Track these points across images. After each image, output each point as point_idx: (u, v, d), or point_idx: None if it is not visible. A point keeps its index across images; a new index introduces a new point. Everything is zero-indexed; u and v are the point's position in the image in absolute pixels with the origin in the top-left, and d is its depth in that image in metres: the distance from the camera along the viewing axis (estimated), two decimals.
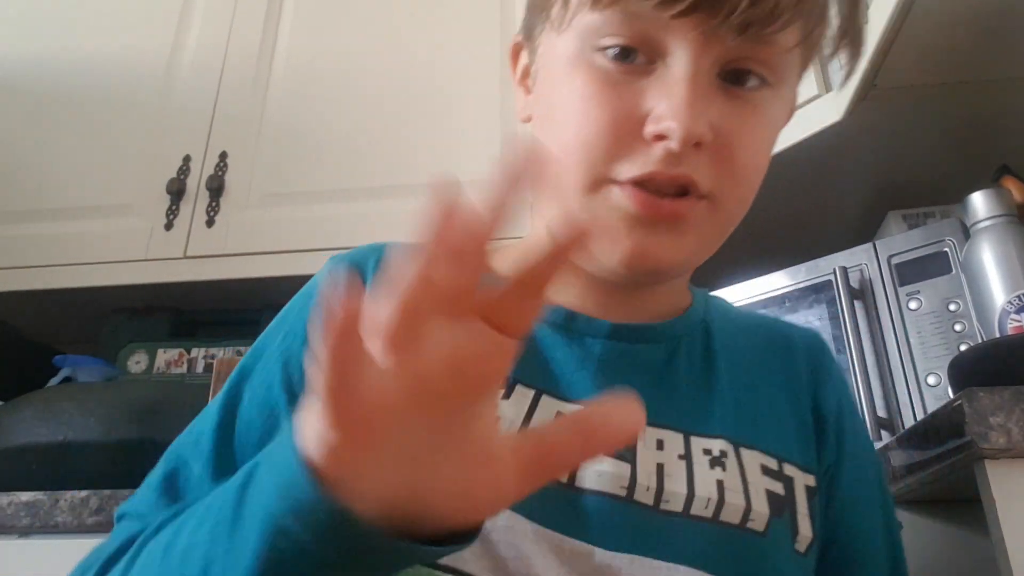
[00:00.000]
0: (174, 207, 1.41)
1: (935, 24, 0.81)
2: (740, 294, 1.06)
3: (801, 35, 0.42)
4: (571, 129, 0.42)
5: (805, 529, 0.45)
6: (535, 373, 0.44)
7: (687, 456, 0.43)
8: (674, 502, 0.41)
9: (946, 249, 0.91)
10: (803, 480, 0.46)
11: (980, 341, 0.83)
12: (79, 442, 0.98)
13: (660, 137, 0.40)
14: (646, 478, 0.42)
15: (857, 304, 0.94)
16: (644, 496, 0.41)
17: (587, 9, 0.42)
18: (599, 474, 0.41)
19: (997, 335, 0.79)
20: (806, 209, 1.18)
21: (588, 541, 0.39)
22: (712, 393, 0.47)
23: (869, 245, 0.97)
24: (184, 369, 1.39)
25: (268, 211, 1.40)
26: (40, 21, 1.62)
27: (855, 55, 0.48)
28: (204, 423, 0.47)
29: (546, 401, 0.43)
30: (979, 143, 1.02)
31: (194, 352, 1.41)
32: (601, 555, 0.39)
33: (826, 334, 0.97)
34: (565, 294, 0.48)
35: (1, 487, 0.92)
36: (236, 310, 1.45)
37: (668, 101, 0.39)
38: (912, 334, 0.90)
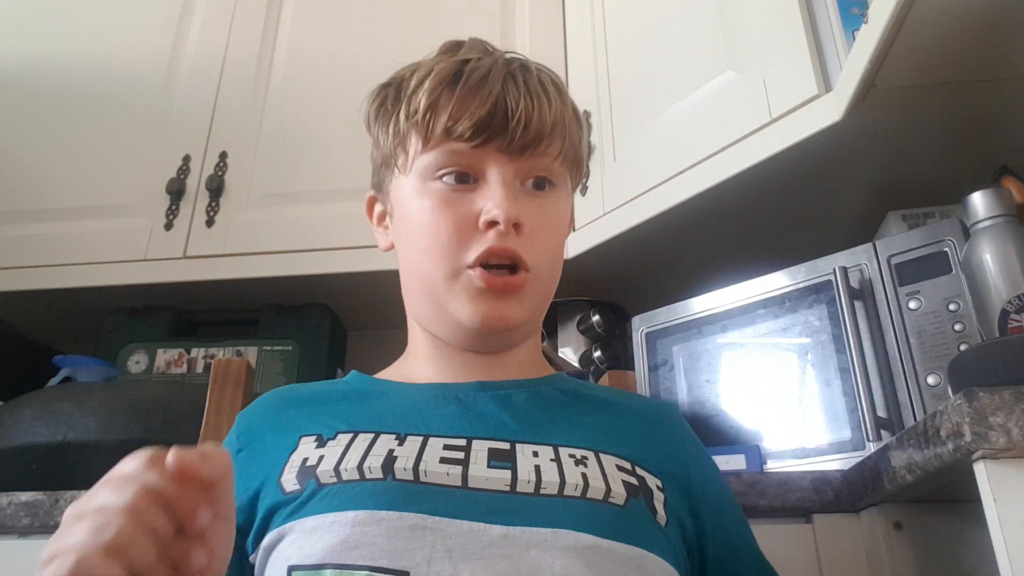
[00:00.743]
0: (174, 207, 1.41)
1: (935, 24, 0.81)
2: (740, 294, 1.06)
3: (559, 149, 0.63)
4: (428, 237, 0.60)
5: (661, 512, 0.57)
6: (419, 425, 0.57)
7: (557, 459, 0.56)
8: (550, 488, 0.53)
9: (946, 249, 0.91)
10: (653, 481, 0.59)
11: (980, 341, 0.83)
12: (79, 442, 0.98)
13: (490, 224, 0.59)
14: (526, 475, 0.54)
15: (857, 304, 0.94)
16: (525, 487, 0.53)
17: (421, 153, 0.61)
18: (487, 479, 0.53)
19: (997, 335, 0.79)
20: (806, 209, 1.18)
21: (484, 522, 0.50)
22: (578, 422, 0.61)
23: (869, 245, 0.97)
24: (184, 369, 1.39)
25: (268, 211, 1.40)
26: (40, 21, 1.62)
27: (579, 171, 0.69)
28: None
29: (432, 442, 0.55)
30: (979, 143, 1.02)
31: (194, 352, 1.41)
32: (498, 529, 0.50)
33: (826, 334, 0.97)
34: (438, 372, 0.64)
35: (1, 487, 0.92)
36: (236, 310, 1.45)
37: (492, 200, 0.59)
38: (912, 334, 0.90)
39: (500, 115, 0.60)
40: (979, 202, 0.85)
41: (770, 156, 1.03)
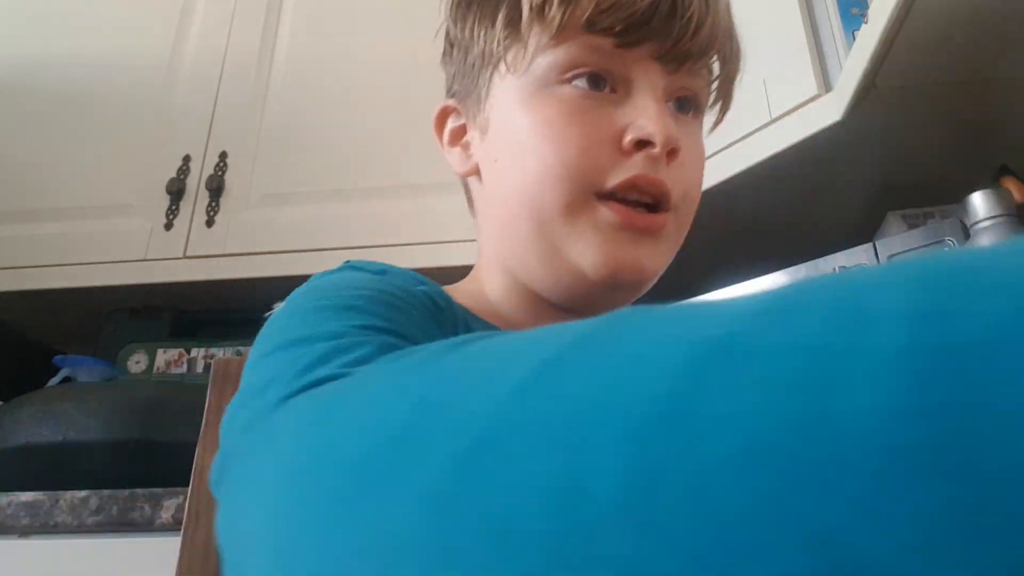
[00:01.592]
0: (174, 207, 1.41)
1: (935, 24, 0.81)
2: (740, 294, 1.06)
3: (721, 69, 0.51)
4: (548, 154, 0.46)
5: None
6: None
7: None
8: None
9: (946, 249, 0.91)
10: None
11: None
12: (79, 442, 0.98)
13: (641, 145, 0.45)
14: None
15: None
16: None
17: (549, 48, 0.46)
18: None
19: None
20: (806, 209, 1.18)
21: None
22: None
23: (869, 245, 0.97)
24: (184, 369, 1.39)
25: (268, 211, 1.40)
26: (40, 21, 1.62)
27: (725, 106, 0.56)
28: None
29: None
30: (979, 143, 1.02)
31: (194, 352, 1.41)
32: None
33: None
34: (522, 326, 0.49)
35: (1, 487, 0.92)
36: (236, 310, 1.45)
37: (645, 114, 0.45)
38: None
39: (664, 11, 0.45)
40: (979, 202, 0.85)
41: (770, 156, 1.03)
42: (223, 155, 1.45)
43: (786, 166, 1.05)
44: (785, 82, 1.03)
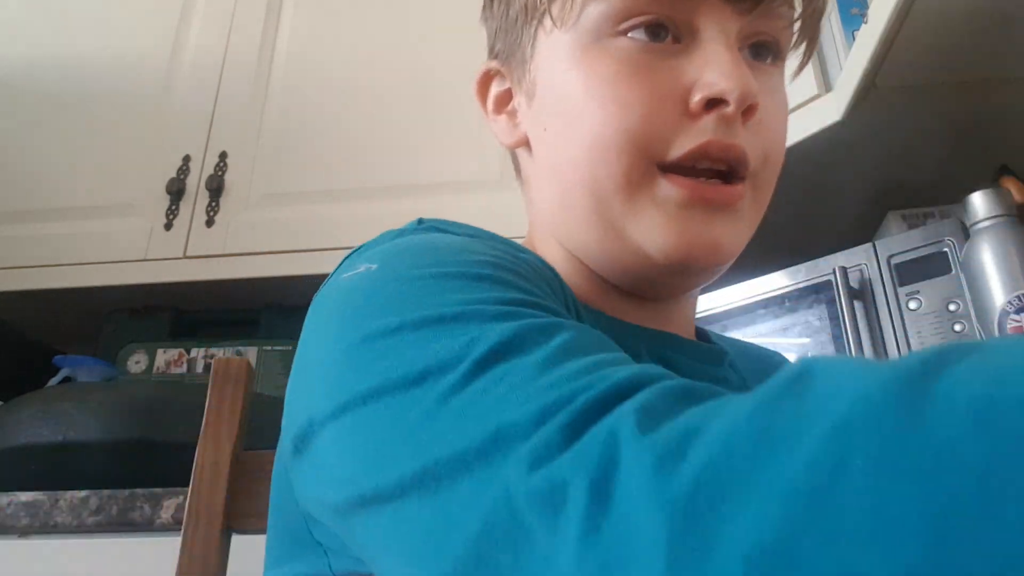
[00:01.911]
0: (174, 207, 1.41)
1: (935, 24, 0.81)
2: (740, 294, 1.06)
3: (803, 8, 0.42)
4: (606, 118, 0.39)
5: None
6: None
7: None
8: None
9: (946, 249, 0.91)
10: None
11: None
12: (79, 442, 0.98)
13: (713, 103, 0.38)
14: None
15: (857, 304, 0.94)
16: None
17: None
18: None
19: (997, 335, 0.79)
20: (806, 209, 1.18)
21: None
22: None
23: (869, 245, 0.97)
24: (184, 369, 1.39)
25: (268, 211, 1.40)
26: (40, 21, 1.62)
27: (811, 46, 0.47)
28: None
29: None
30: (979, 143, 1.02)
31: (194, 352, 1.41)
32: None
33: (826, 334, 0.97)
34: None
35: (1, 487, 0.92)
36: (236, 310, 1.45)
37: (716, 67, 0.38)
38: (912, 334, 0.90)
39: None
40: (979, 202, 0.85)
41: None
42: (223, 155, 1.45)
43: (786, 166, 1.05)
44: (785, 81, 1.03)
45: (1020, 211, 0.85)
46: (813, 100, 0.99)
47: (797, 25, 0.43)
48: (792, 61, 0.48)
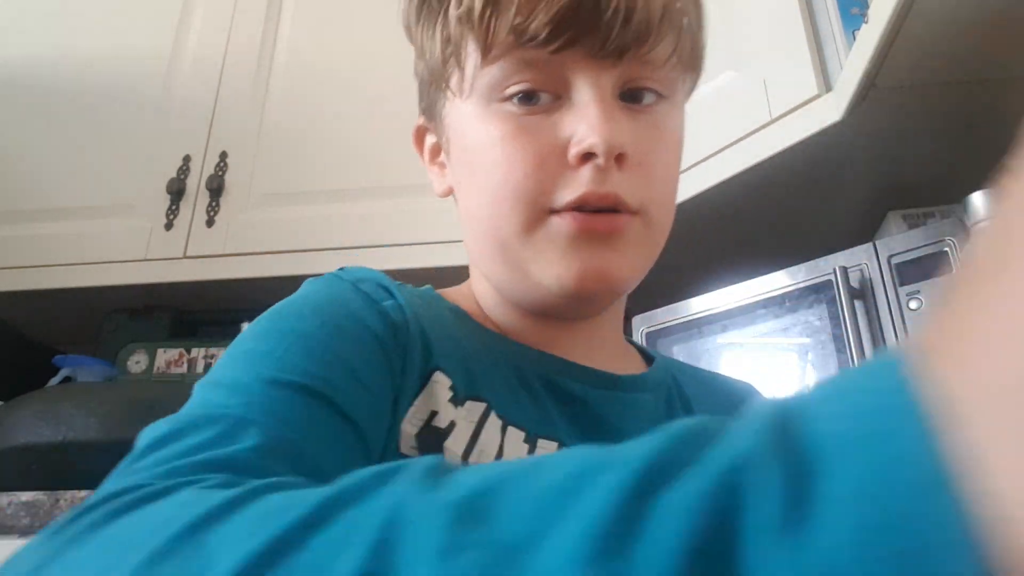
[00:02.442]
0: (174, 207, 1.41)
1: (935, 24, 0.81)
2: (740, 294, 1.06)
3: (672, 49, 0.46)
4: (499, 176, 0.44)
5: None
6: (546, 424, 0.45)
7: None
8: None
9: (946, 249, 0.91)
10: None
11: None
12: (79, 442, 0.98)
13: (586, 156, 0.42)
14: None
15: (857, 304, 0.94)
16: None
17: (486, 67, 0.44)
18: None
19: None
20: (806, 209, 1.18)
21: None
22: None
23: (869, 245, 0.97)
24: (184, 369, 1.39)
25: (268, 211, 1.40)
26: (40, 21, 1.62)
27: (695, 77, 0.53)
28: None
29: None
30: (979, 143, 1.02)
31: (194, 352, 1.41)
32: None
33: (826, 334, 0.97)
34: (520, 332, 0.49)
35: (1, 487, 0.92)
36: (236, 310, 1.45)
37: (585, 122, 0.42)
38: (912, 334, 0.90)
39: (588, 6, 0.42)
40: (979, 202, 0.85)
41: (770, 156, 1.03)
42: (223, 155, 1.45)
43: (786, 166, 1.05)
44: (785, 82, 1.03)
45: None
46: (813, 100, 0.99)
47: (674, 60, 0.47)
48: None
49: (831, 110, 0.96)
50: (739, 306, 1.06)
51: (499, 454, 0.43)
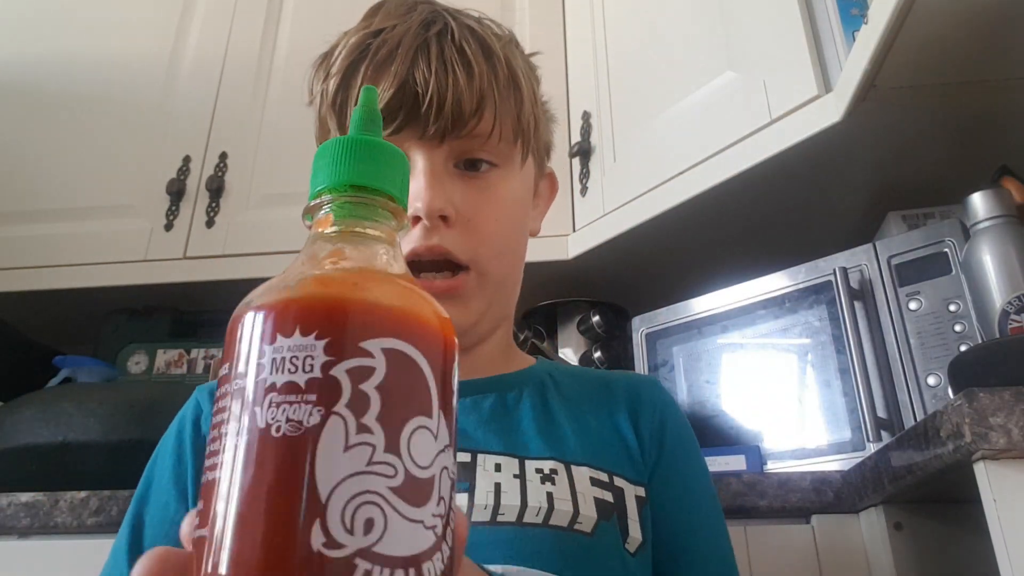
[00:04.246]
0: (174, 208, 1.41)
1: (935, 24, 0.81)
2: (740, 294, 1.06)
3: (492, 126, 0.54)
4: None
5: (635, 532, 0.51)
6: None
7: (521, 475, 0.50)
8: (508, 514, 0.48)
9: (946, 250, 0.91)
10: (633, 491, 0.53)
11: (980, 341, 0.83)
12: (79, 442, 0.98)
13: (415, 219, 0.51)
14: (483, 497, 0.48)
15: (857, 304, 0.94)
16: (481, 515, 0.47)
17: None
18: None
19: (997, 336, 0.79)
20: (806, 209, 1.18)
21: None
22: (550, 427, 0.55)
23: (869, 245, 0.97)
24: (184, 370, 1.39)
25: (268, 212, 1.40)
26: (40, 22, 1.62)
27: (526, 146, 0.59)
28: (115, 561, 0.52)
29: None
30: (979, 143, 1.02)
31: (194, 353, 1.41)
32: None
33: (826, 334, 0.97)
34: None
35: (1, 487, 0.92)
36: None
37: (414, 192, 0.50)
38: (912, 334, 0.90)
39: (409, 98, 0.51)
40: (979, 202, 0.85)
41: (770, 157, 1.03)
42: (223, 155, 1.45)
43: (786, 167, 1.05)
44: (785, 82, 1.03)
45: (1020, 211, 0.85)
46: (813, 100, 0.99)
47: (495, 137, 0.54)
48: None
49: (831, 110, 0.96)
50: (739, 307, 1.06)
51: None
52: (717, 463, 0.96)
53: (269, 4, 1.58)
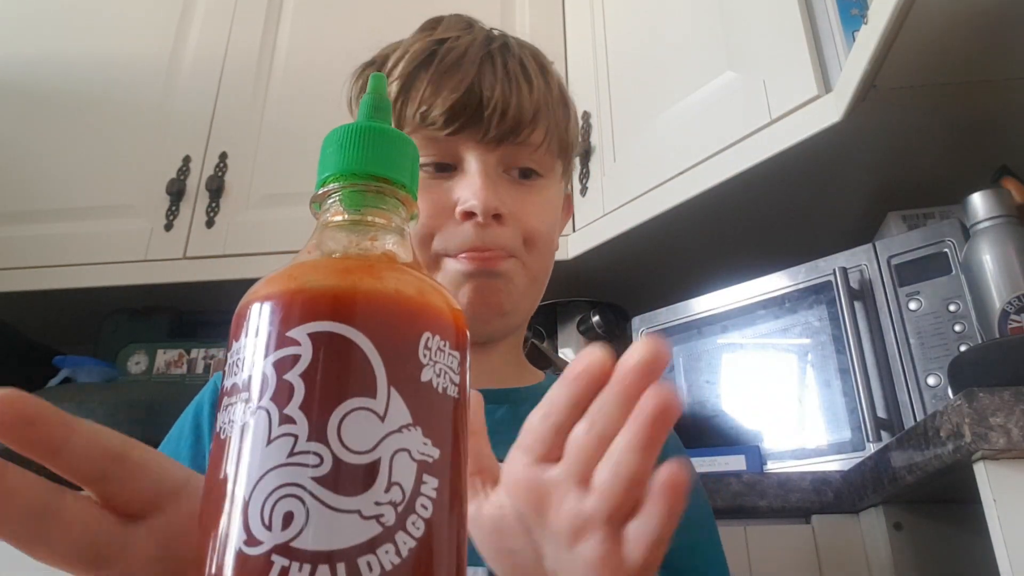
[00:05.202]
0: (174, 208, 1.41)
1: (935, 24, 0.81)
2: (740, 295, 1.06)
3: (543, 137, 0.58)
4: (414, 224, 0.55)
5: None
6: None
7: None
8: None
9: (946, 250, 0.91)
10: None
11: (980, 341, 0.83)
12: None
13: (467, 215, 0.55)
14: None
15: (857, 305, 0.94)
16: None
17: None
18: None
19: (997, 336, 0.79)
20: (806, 209, 1.18)
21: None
22: None
23: (869, 246, 0.97)
24: (184, 370, 1.39)
25: (268, 211, 1.40)
26: (40, 22, 1.62)
27: (567, 163, 0.64)
28: None
29: None
30: (979, 143, 1.02)
31: (194, 353, 1.41)
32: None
33: (826, 334, 0.97)
34: None
35: None
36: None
37: (469, 188, 0.55)
38: (912, 335, 0.90)
39: (474, 102, 0.55)
40: (979, 203, 0.85)
41: (770, 157, 1.03)
42: (223, 155, 1.45)
43: (786, 167, 1.05)
44: (785, 82, 1.03)
45: (1020, 211, 0.85)
46: (813, 100, 0.99)
47: (544, 148, 0.59)
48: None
49: (831, 110, 0.96)
50: (739, 307, 1.06)
51: None
52: (717, 463, 0.96)
53: (269, 4, 1.58)
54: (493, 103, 0.55)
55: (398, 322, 0.24)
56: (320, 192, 0.28)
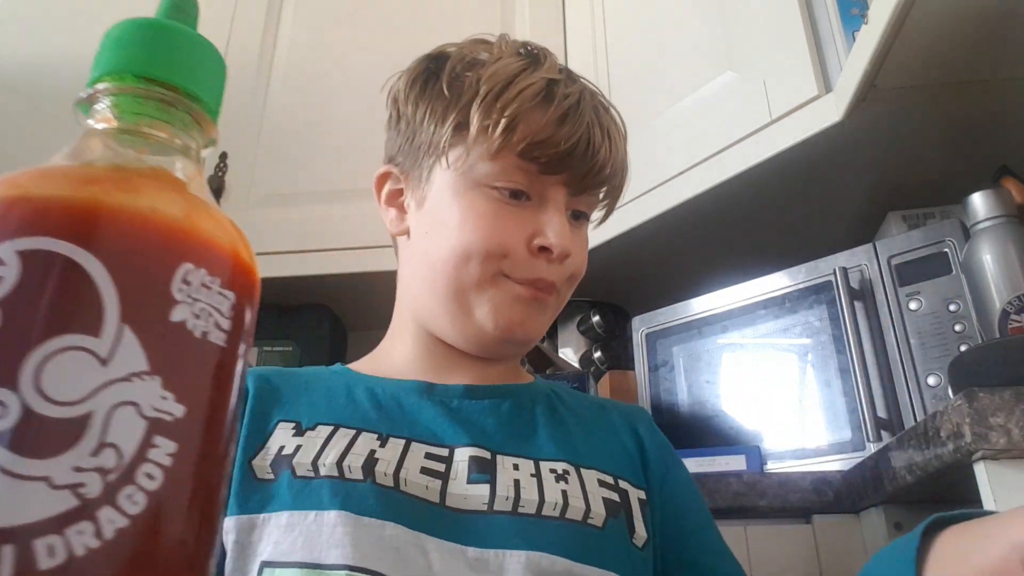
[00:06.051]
0: None
1: (935, 24, 0.81)
2: (740, 294, 1.06)
3: (608, 192, 0.64)
4: (474, 238, 0.58)
5: (640, 530, 0.57)
6: (402, 427, 0.57)
7: (537, 474, 0.56)
8: (528, 507, 0.53)
9: (946, 250, 0.91)
10: (636, 494, 0.59)
11: (980, 341, 0.83)
12: None
13: (544, 249, 0.58)
14: (504, 490, 0.54)
15: (857, 304, 0.94)
16: (503, 505, 0.53)
17: (487, 160, 0.58)
18: (465, 497, 0.53)
19: (997, 335, 0.79)
20: (806, 209, 1.19)
21: (460, 543, 0.50)
22: (561, 433, 0.61)
23: (869, 245, 0.97)
24: None
25: (268, 211, 1.40)
26: (40, 22, 1.62)
27: (611, 208, 0.67)
28: None
29: (414, 447, 0.55)
30: (979, 143, 1.02)
31: None
32: (473, 552, 0.50)
33: (826, 334, 0.97)
34: (422, 370, 0.63)
35: None
36: None
37: (553, 228, 0.58)
38: (912, 334, 0.90)
39: (581, 151, 0.59)
40: (979, 202, 0.85)
41: (770, 157, 1.03)
42: (223, 155, 1.45)
43: (786, 166, 1.05)
44: (785, 82, 1.03)
45: (1020, 211, 0.85)
46: (813, 100, 0.99)
47: (605, 202, 0.65)
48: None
49: (831, 110, 0.96)
50: (739, 307, 1.06)
51: (349, 448, 0.54)
52: (717, 463, 0.96)
53: (269, 4, 1.58)
54: (598, 155, 0.59)
55: (146, 247, 0.19)
56: (88, 94, 0.23)
